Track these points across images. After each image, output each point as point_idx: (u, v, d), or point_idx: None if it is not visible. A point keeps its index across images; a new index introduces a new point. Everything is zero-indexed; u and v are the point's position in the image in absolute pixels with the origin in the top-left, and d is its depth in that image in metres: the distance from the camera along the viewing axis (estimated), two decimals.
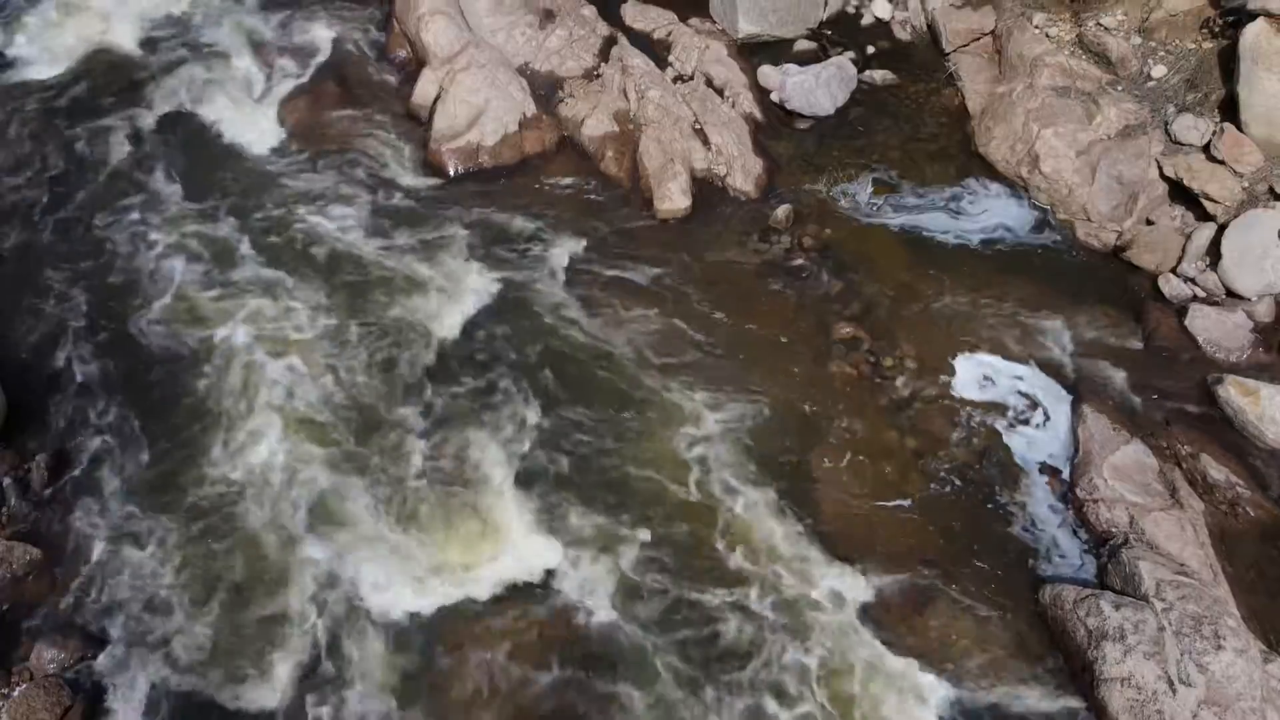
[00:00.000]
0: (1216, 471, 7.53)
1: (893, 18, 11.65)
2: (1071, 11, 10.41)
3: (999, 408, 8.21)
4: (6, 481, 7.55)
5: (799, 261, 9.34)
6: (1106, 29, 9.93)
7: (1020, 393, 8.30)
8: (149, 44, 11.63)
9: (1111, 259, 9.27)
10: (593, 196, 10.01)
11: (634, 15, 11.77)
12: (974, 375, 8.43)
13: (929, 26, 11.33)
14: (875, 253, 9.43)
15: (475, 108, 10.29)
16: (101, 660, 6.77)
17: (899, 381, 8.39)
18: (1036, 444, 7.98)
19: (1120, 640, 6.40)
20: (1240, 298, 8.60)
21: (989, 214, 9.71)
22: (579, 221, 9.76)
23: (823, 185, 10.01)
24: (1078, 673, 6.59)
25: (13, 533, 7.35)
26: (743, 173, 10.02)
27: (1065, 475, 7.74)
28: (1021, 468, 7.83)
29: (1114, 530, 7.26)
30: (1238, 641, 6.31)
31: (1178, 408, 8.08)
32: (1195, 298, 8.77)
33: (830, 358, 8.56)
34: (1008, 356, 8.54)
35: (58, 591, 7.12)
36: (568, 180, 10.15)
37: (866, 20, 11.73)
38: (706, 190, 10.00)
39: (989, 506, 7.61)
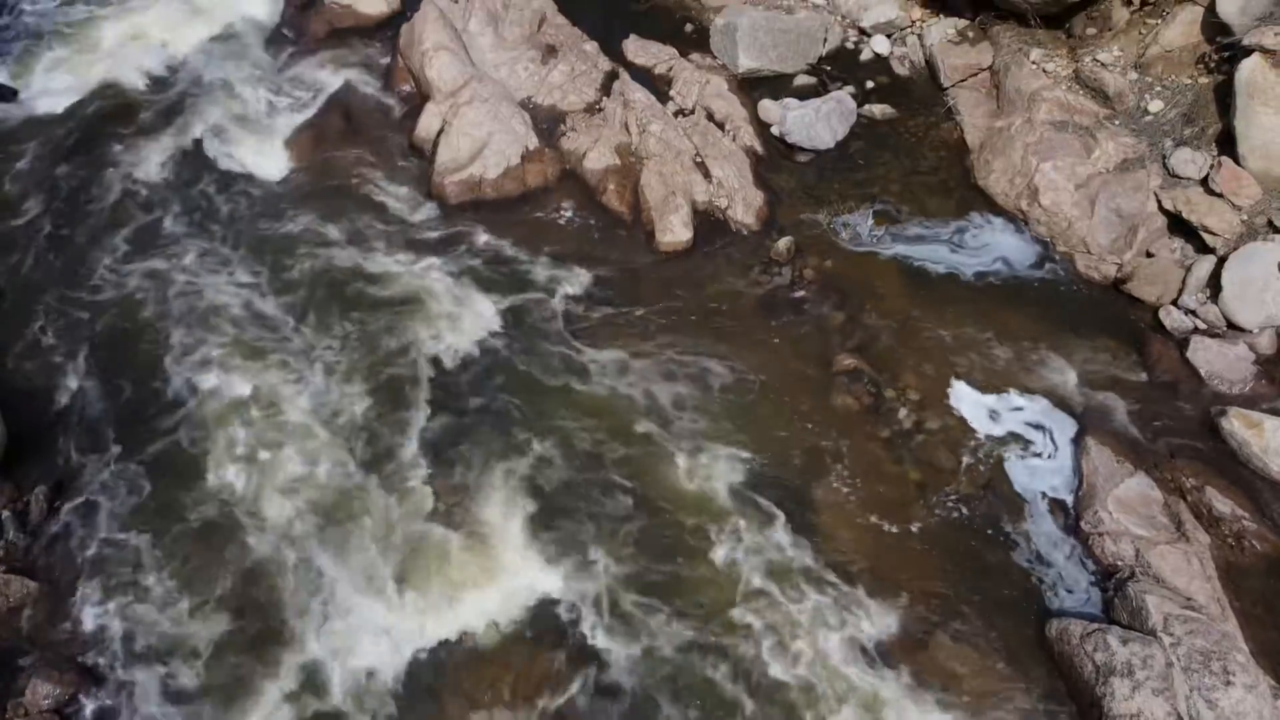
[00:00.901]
0: (1222, 504, 7.49)
1: (891, 53, 11.79)
2: (1068, 48, 10.54)
3: (1002, 440, 8.18)
4: (4, 514, 7.53)
5: (800, 293, 9.37)
6: (1103, 64, 10.03)
7: (1023, 425, 8.27)
8: (157, 80, 11.77)
9: (1112, 291, 9.28)
10: (594, 229, 10.06)
11: (635, 51, 11.91)
12: (976, 407, 8.42)
13: (927, 62, 11.46)
14: (877, 284, 9.45)
15: (478, 141, 10.39)
16: (98, 696, 6.69)
17: (901, 413, 8.37)
18: (1040, 476, 7.94)
19: (1128, 676, 6.32)
20: (1242, 330, 8.60)
21: (989, 246, 9.74)
22: (581, 253, 9.80)
23: (823, 218, 10.07)
24: (1085, 709, 6.50)
25: (9, 565, 7.31)
26: (744, 205, 10.08)
27: (1069, 508, 7.70)
28: (1025, 500, 7.79)
29: (1120, 563, 7.21)
30: (1247, 677, 6.24)
31: (1181, 440, 8.05)
32: (1197, 330, 8.76)
33: (832, 389, 8.55)
34: (1010, 388, 8.52)
35: (54, 625, 7.07)
36: (569, 212, 10.21)
37: (865, 56, 11.86)
38: (708, 223, 10.05)
39: (993, 539, 7.56)
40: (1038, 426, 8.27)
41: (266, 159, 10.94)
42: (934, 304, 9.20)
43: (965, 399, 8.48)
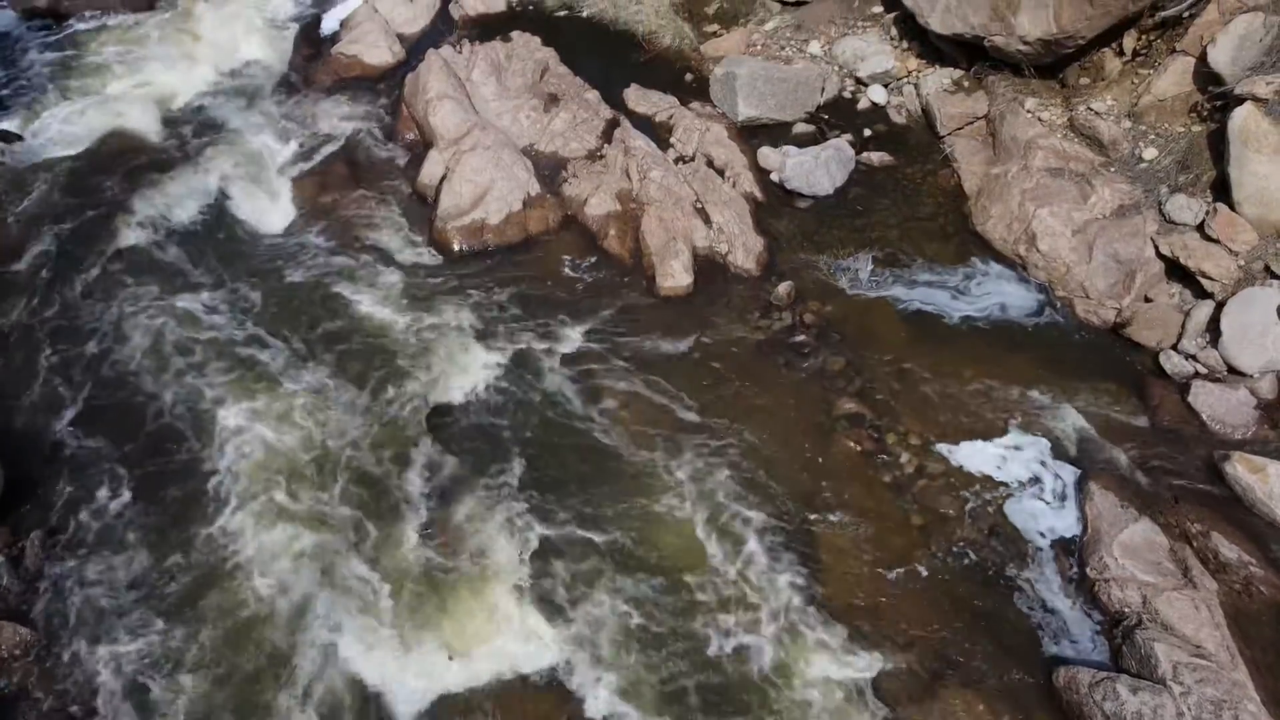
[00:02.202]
0: (1228, 550, 7.42)
1: (888, 102, 11.96)
2: (1062, 97, 10.70)
3: (1005, 484, 8.14)
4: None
5: (800, 338, 9.39)
6: (1097, 113, 10.18)
7: (1026, 469, 8.24)
8: (163, 127, 11.92)
9: (1112, 336, 9.30)
10: (595, 274, 10.13)
11: (636, 99, 12.09)
12: (978, 451, 8.39)
13: (924, 111, 11.62)
14: (876, 329, 9.48)
15: (480, 187, 10.50)
16: None
17: (903, 457, 8.34)
18: (1044, 521, 7.88)
19: None
20: (1243, 375, 8.60)
21: (988, 291, 9.79)
22: (582, 298, 9.85)
23: (823, 263, 10.13)
24: None
25: (3, 611, 7.21)
26: (744, 250, 10.15)
27: (1074, 553, 7.63)
28: (1030, 545, 7.72)
29: (1127, 610, 7.12)
30: None
31: (1185, 485, 8.00)
32: (1197, 374, 8.76)
33: (833, 433, 8.53)
34: (1012, 433, 8.50)
35: (48, 673, 6.96)
36: (571, 258, 10.27)
37: (863, 105, 12.04)
38: (708, 268, 10.11)
39: (998, 585, 7.48)
40: (1040, 471, 8.23)
41: (270, 205, 11.05)
42: (934, 348, 9.22)
43: (967, 443, 8.45)
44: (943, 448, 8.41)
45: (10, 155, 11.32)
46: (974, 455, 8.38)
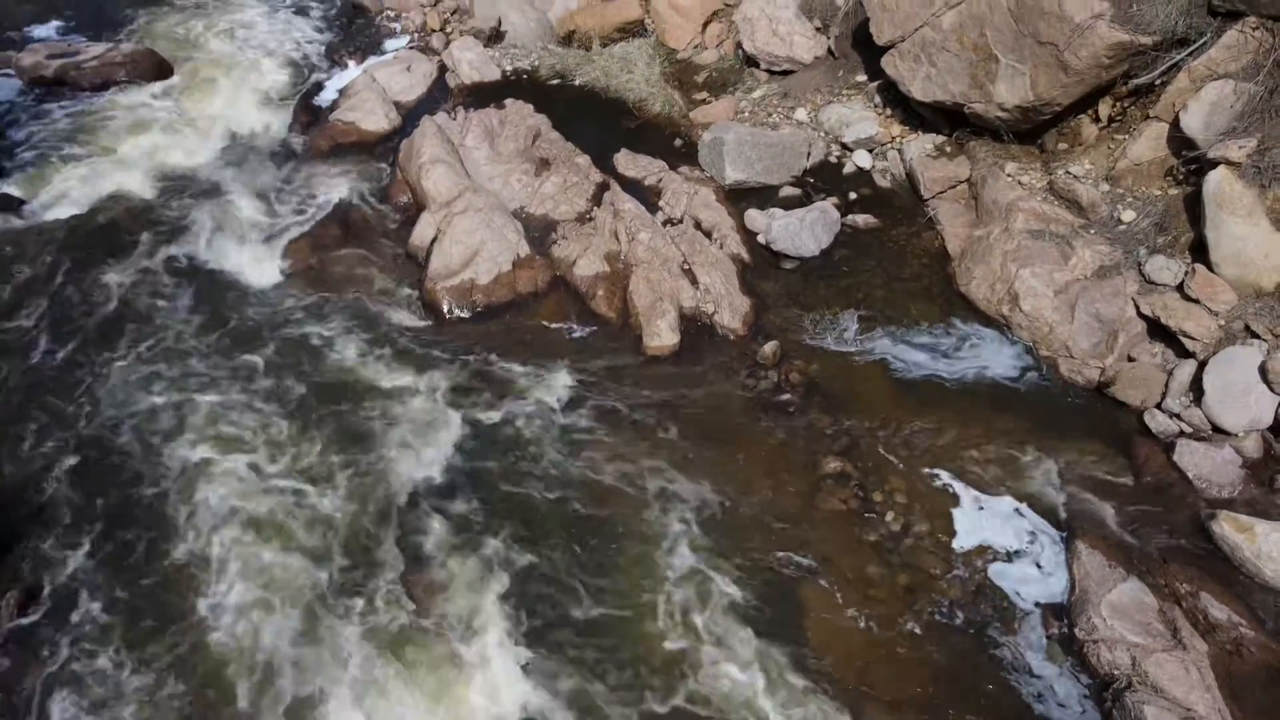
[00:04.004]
0: (1218, 611, 7.33)
1: (873, 167, 12.21)
2: (1041, 161, 10.93)
3: (991, 544, 8.08)
4: None
5: (786, 397, 9.42)
6: (1075, 177, 10.39)
7: (1012, 528, 8.19)
8: (163, 191, 12.15)
9: (1096, 395, 9.33)
10: (583, 333, 10.21)
11: (626, 163, 12.34)
12: (964, 510, 8.35)
13: (907, 175, 11.86)
14: (862, 388, 9.51)
15: (470, 248, 10.65)
16: None
17: (889, 516, 8.29)
18: (1031, 581, 7.80)
19: None
20: (1227, 433, 8.61)
21: (973, 351, 9.85)
22: (570, 357, 9.91)
23: (809, 323, 10.22)
24: None
25: None
26: (730, 311, 10.25)
27: (1062, 614, 7.53)
28: (1017, 606, 7.63)
29: (1116, 672, 7.01)
30: None
31: (1173, 544, 7.94)
32: (1182, 433, 8.77)
33: (819, 492, 8.50)
34: (998, 492, 8.47)
35: None
36: (559, 317, 10.37)
37: (848, 169, 12.29)
38: (695, 328, 10.20)
39: (985, 645, 7.37)
40: (1027, 530, 8.18)
41: (263, 267, 11.20)
42: (920, 407, 9.24)
43: (953, 503, 8.41)
44: (929, 506, 8.37)
45: (11, 219, 11.52)
46: (960, 514, 8.34)
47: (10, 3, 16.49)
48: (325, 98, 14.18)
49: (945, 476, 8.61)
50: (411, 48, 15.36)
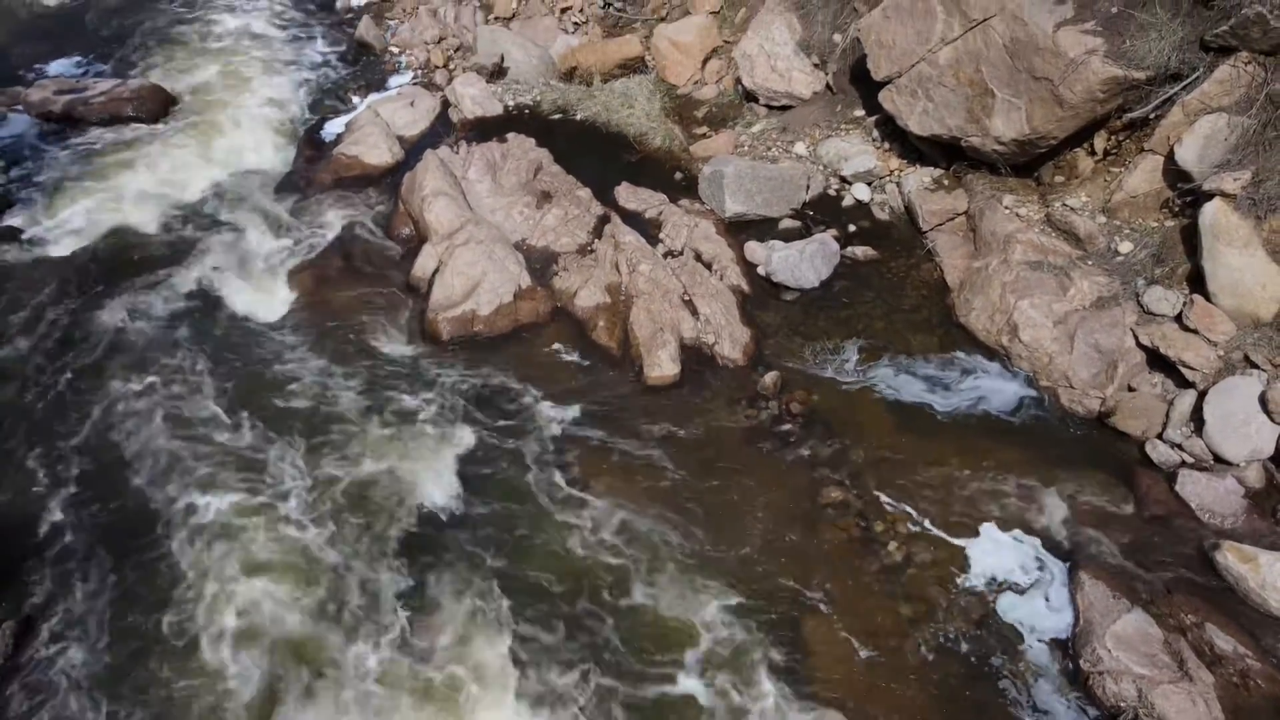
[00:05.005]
0: (1223, 642, 7.27)
1: (871, 200, 12.32)
2: (1038, 194, 11.03)
3: (994, 574, 8.04)
4: None
5: (787, 427, 9.42)
6: (1072, 209, 10.47)
7: (1015, 558, 8.14)
8: (168, 224, 12.28)
9: (1097, 425, 9.32)
10: (584, 364, 10.23)
11: (626, 196, 12.45)
12: (967, 540, 8.31)
13: (906, 207, 11.96)
14: (863, 419, 9.51)
15: (472, 279, 10.72)
16: None
17: (891, 546, 8.25)
18: (1035, 612, 7.74)
19: None
20: (1228, 463, 8.59)
21: (973, 381, 9.87)
22: (570, 388, 9.92)
23: (809, 353, 10.25)
24: None
25: None
26: (730, 341, 10.29)
27: (1067, 645, 7.47)
28: (1021, 636, 7.57)
29: (1122, 704, 6.93)
30: None
31: (1177, 574, 7.90)
32: (1184, 463, 8.75)
33: (821, 521, 8.47)
34: (1000, 522, 8.44)
35: None
36: (560, 348, 10.41)
37: (847, 202, 12.39)
38: (695, 358, 10.23)
39: (989, 677, 7.30)
40: (1030, 561, 8.14)
41: (266, 299, 11.27)
42: (921, 437, 9.23)
43: (955, 533, 8.38)
44: (931, 536, 8.34)
45: (16, 251, 11.61)
46: (962, 544, 8.30)
47: (24, 42, 16.76)
48: (330, 132, 14.35)
49: (947, 506, 8.58)
50: (415, 83, 15.57)
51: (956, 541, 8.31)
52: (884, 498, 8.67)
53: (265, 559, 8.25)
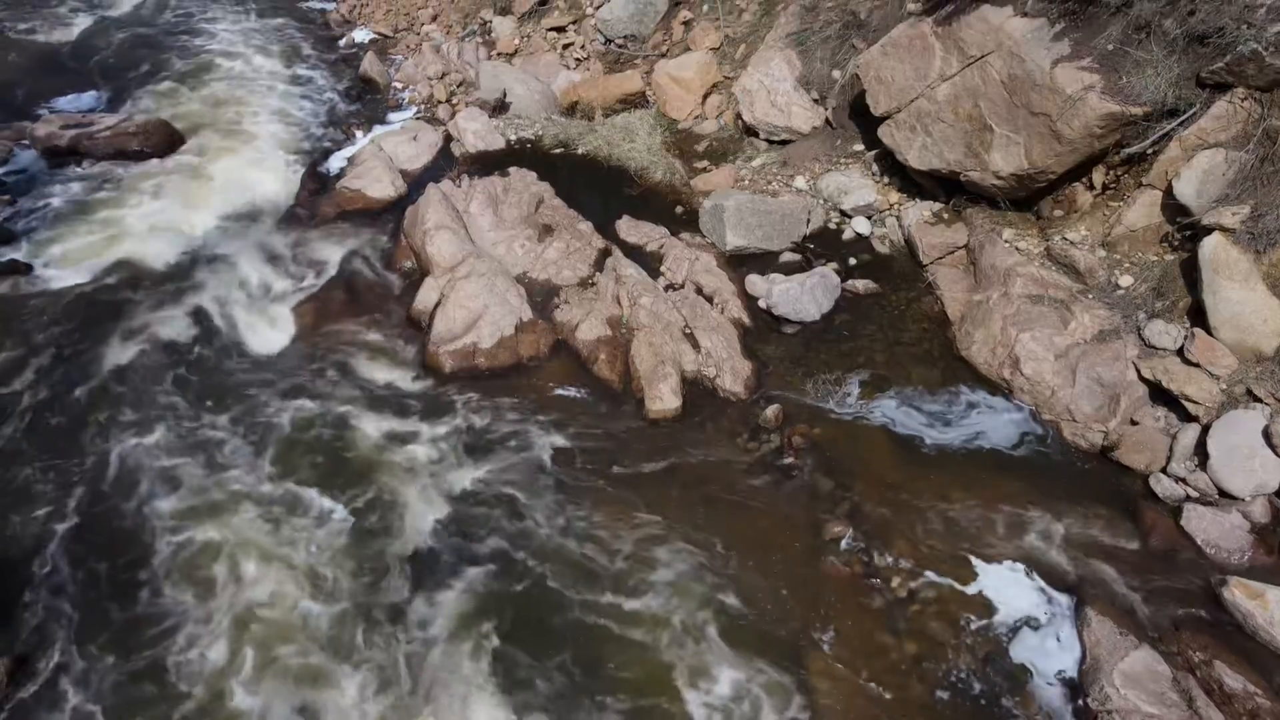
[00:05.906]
0: (1233, 680, 7.17)
1: (872, 233, 12.38)
2: (1038, 228, 11.08)
3: (999, 610, 7.94)
4: None
5: (789, 460, 9.38)
6: (1072, 243, 10.51)
7: (1020, 594, 8.05)
8: (170, 259, 12.31)
9: (1101, 459, 9.28)
10: (585, 397, 10.22)
11: (628, 230, 12.51)
12: (971, 576, 8.23)
13: (906, 241, 12.01)
14: (865, 452, 9.47)
15: (473, 312, 10.73)
16: None
17: (894, 581, 8.17)
18: (1041, 649, 7.64)
19: None
20: (1234, 498, 8.54)
21: (975, 414, 9.84)
22: (571, 421, 9.90)
23: (810, 387, 10.23)
24: None
25: None
26: (732, 374, 10.28)
27: (1074, 683, 7.37)
28: (1027, 673, 7.47)
29: None
30: None
31: (1184, 611, 7.81)
32: (1189, 498, 8.69)
33: (823, 556, 8.40)
34: (1004, 558, 8.36)
35: None
36: (561, 381, 10.39)
37: (848, 235, 12.45)
38: (697, 391, 10.22)
39: (997, 716, 7.18)
40: (1035, 596, 8.05)
41: (268, 332, 11.28)
42: (923, 471, 9.18)
43: (960, 568, 8.29)
44: (935, 572, 8.25)
45: (20, 284, 11.65)
46: (967, 580, 8.22)
47: (30, 78, 16.96)
48: (333, 166, 14.48)
49: (951, 541, 8.51)
50: (418, 118, 15.74)
51: (961, 577, 8.22)
52: (887, 532, 8.60)
53: (265, 597, 8.16)
